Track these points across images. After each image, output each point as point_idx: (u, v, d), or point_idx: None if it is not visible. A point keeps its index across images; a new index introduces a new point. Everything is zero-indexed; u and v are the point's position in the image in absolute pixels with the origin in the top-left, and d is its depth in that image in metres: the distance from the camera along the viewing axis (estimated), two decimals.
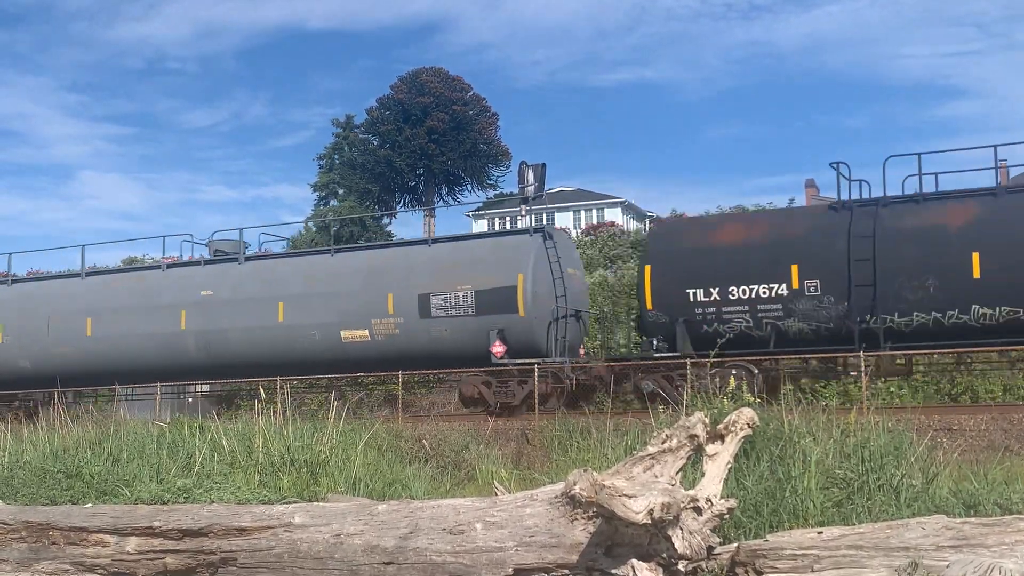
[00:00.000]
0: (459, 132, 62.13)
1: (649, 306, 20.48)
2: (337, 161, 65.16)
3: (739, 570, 6.23)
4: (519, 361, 21.08)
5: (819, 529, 6.36)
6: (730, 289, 19.45)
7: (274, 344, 23.70)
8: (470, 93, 64.58)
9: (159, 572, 7.35)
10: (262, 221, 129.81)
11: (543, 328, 21.27)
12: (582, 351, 22.79)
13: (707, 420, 6.57)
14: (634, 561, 5.85)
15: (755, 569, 6.11)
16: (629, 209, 64.75)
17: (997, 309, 17.47)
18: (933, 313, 17.86)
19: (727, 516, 6.55)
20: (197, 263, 26.56)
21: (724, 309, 19.53)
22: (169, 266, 26.51)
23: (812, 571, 5.91)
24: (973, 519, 6.25)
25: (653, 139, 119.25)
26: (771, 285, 19.08)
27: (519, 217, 30.06)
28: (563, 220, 61.90)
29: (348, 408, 14.54)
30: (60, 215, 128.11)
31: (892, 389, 21.62)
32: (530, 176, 25.73)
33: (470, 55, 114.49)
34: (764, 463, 8.64)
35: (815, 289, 18.71)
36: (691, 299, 19.79)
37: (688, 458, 6.43)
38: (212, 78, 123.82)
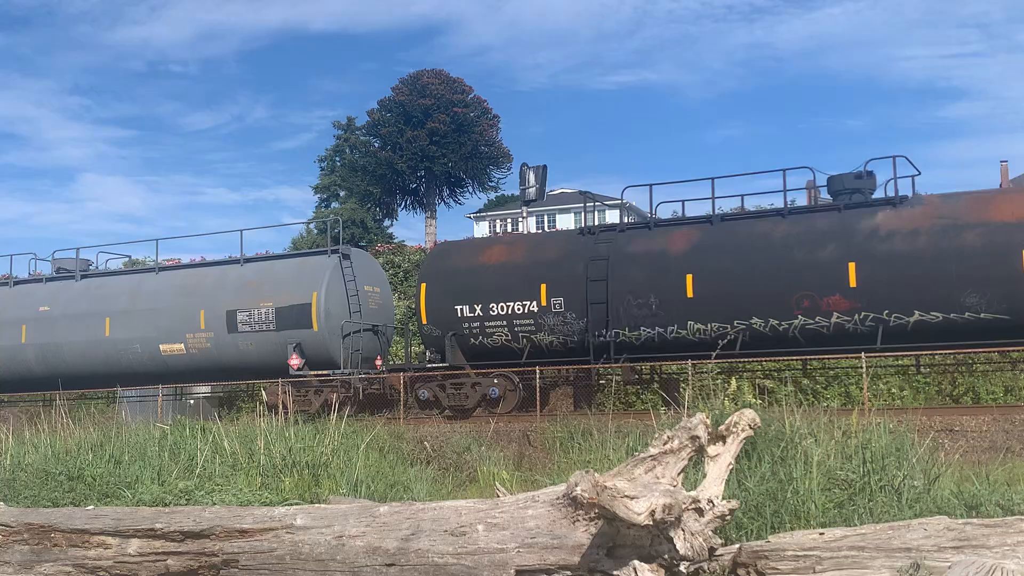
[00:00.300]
0: (460, 134, 62.11)
1: (424, 321, 22.31)
2: (338, 163, 65.17)
3: (741, 571, 6.23)
4: (312, 373, 23.03)
5: (821, 530, 6.36)
6: (491, 306, 21.47)
7: (103, 357, 25.55)
8: (471, 95, 64.56)
9: (161, 574, 7.35)
10: (263, 223, 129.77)
11: (337, 342, 23.07)
12: (379, 362, 24.09)
13: (708, 421, 6.56)
14: (636, 562, 5.85)
15: (757, 570, 6.11)
16: (631, 211, 64.75)
17: (709, 325, 19.44)
18: (656, 328, 19.90)
19: (729, 517, 6.55)
20: (39, 280, 28.11)
21: (487, 324, 21.54)
22: (16, 283, 28.13)
23: (814, 572, 5.91)
24: (975, 520, 6.25)
25: (655, 141, 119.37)
26: (525, 302, 21.17)
27: (521, 219, 30.09)
28: (564, 222, 61.93)
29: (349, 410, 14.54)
30: (62, 217, 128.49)
31: (894, 390, 21.62)
32: (531, 178, 25.76)
33: (471, 57, 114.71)
34: (766, 464, 8.64)
35: (560, 306, 20.82)
36: (459, 315, 21.71)
37: (690, 459, 6.43)
38: (214, 81, 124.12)
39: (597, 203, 28.42)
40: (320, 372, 22.91)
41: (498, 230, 62.24)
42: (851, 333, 18.47)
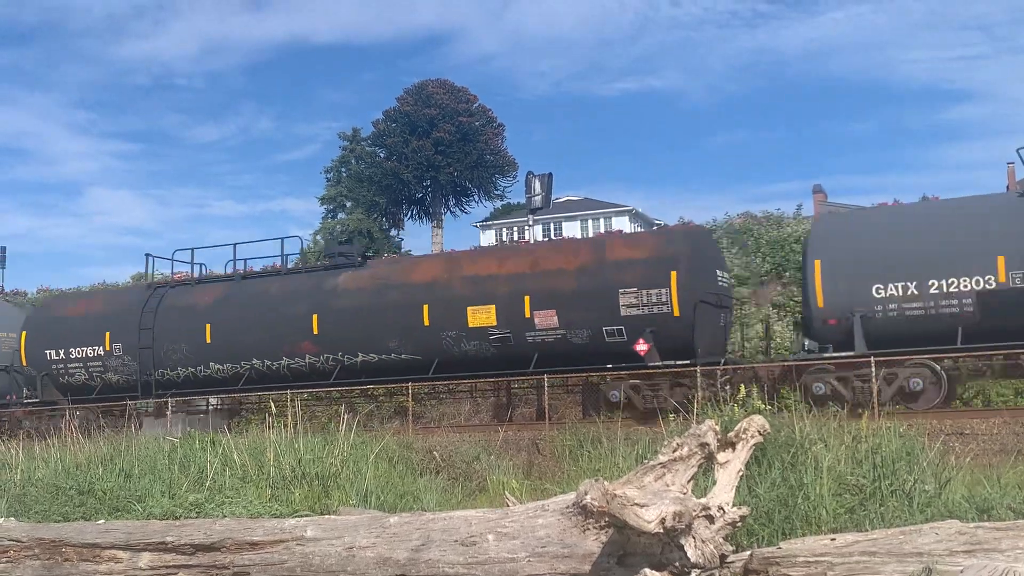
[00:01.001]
0: (465, 143, 62.17)
1: (24, 363, 26.79)
2: (344, 174, 65.25)
3: None
4: None
5: (832, 536, 6.34)
6: (71, 350, 25.78)
7: None
8: (476, 104, 64.62)
9: None
10: (270, 234, 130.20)
11: None
12: (12, 397, 27.54)
13: (718, 428, 6.55)
14: (647, 570, 5.84)
15: None
16: (637, 217, 64.75)
17: (225, 365, 23.99)
18: (189, 368, 24.41)
19: (740, 524, 6.53)
20: None
21: (69, 366, 25.91)
22: None
23: None
24: (986, 523, 6.22)
25: (660, 147, 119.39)
26: (94, 347, 25.55)
27: (527, 227, 30.16)
28: (570, 229, 61.92)
29: (359, 420, 14.54)
30: (70, 232, 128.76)
31: None
32: (537, 186, 25.84)
33: (475, 66, 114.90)
34: (776, 470, 8.63)
35: (120, 351, 25.21)
36: (49, 358, 26.03)
37: (699, 466, 6.41)
38: (219, 93, 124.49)
39: (602, 210, 28.75)
40: None
41: (504, 239, 62.23)
42: (320, 370, 22.98)
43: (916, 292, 18.23)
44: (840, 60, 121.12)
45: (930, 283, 18.15)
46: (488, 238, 64.57)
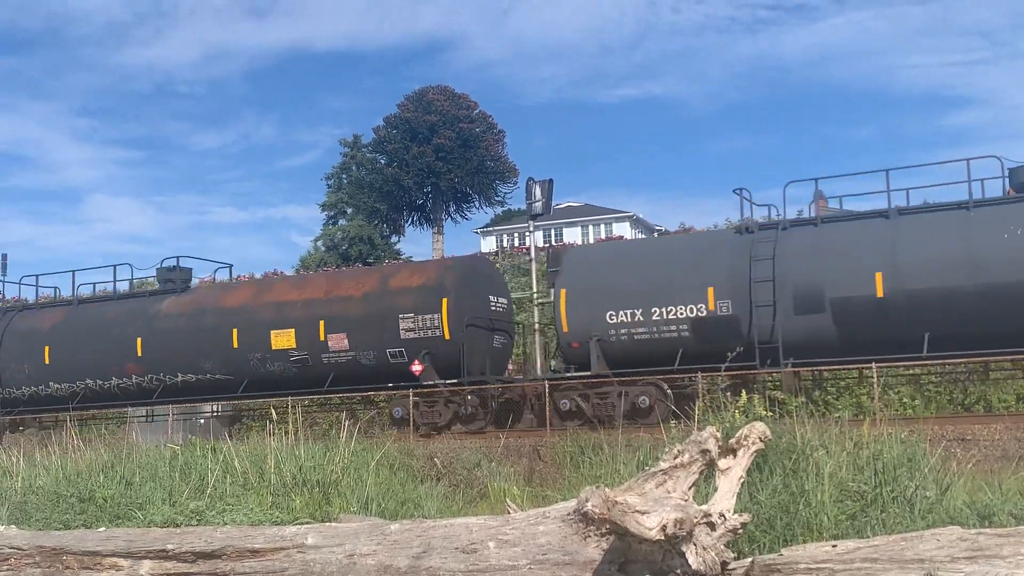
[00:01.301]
0: (466, 149, 62.28)
1: None
2: (345, 180, 65.34)
3: None
4: None
5: (833, 543, 6.33)
6: None
7: None
8: (476, 110, 64.77)
9: None
10: (272, 241, 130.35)
11: None
12: None
13: (719, 435, 6.55)
14: None
15: None
16: (637, 223, 64.77)
17: (63, 384, 25.73)
18: (32, 387, 26.23)
19: (741, 531, 6.53)
20: None
21: None
22: None
23: None
24: (988, 530, 6.21)
25: (660, 153, 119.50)
26: None
27: (527, 233, 30.17)
28: (571, 235, 61.94)
29: (360, 427, 14.52)
30: (71, 239, 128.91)
31: (905, 400, 21.52)
32: (537, 192, 25.80)
33: (476, 73, 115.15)
34: (777, 477, 8.60)
35: None
36: None
37: (701, 473, 6.41)
38: (220, 100, 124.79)
39: (602, 216, 29.22)
40: None
41: (505, 245, 62.25)
42: (146, 389, 24.94)
43: (642, 318, 20.10)
44: (840, 66, 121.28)
45: (653, 310, 19.96)
46: (489, 244, 64.66)
